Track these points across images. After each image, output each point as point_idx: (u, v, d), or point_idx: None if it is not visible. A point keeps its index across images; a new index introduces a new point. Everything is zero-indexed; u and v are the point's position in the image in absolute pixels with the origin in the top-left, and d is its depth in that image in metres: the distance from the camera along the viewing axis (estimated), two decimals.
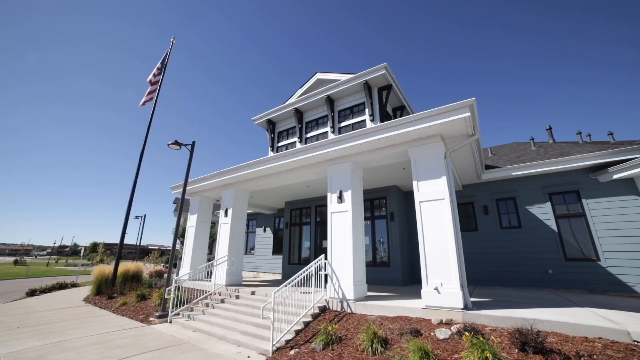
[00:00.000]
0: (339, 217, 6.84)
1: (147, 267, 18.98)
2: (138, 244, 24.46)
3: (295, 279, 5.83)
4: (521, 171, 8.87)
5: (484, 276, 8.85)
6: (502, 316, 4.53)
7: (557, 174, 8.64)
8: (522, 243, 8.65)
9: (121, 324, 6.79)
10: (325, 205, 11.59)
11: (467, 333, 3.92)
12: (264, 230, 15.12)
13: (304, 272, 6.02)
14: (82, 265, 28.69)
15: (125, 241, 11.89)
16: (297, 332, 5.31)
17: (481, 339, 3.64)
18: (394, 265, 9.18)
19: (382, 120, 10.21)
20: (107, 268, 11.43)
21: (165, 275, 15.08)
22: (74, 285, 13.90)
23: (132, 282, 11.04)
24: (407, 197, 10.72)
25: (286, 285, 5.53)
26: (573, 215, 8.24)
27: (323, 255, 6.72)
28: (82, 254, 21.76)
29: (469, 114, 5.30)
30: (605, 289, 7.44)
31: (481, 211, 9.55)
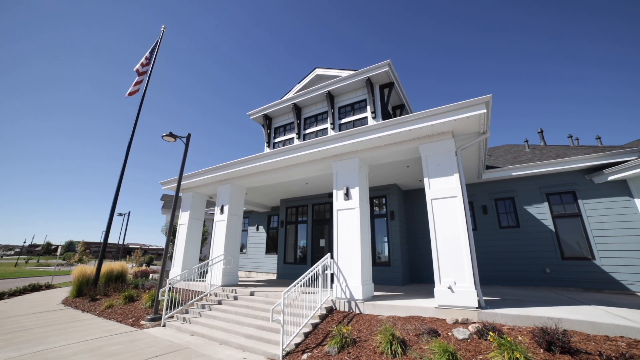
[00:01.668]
0: (346, 214, 6.62)
1: (130, 267, 17.98)
2: (122, 242, 23.22)
3: (303, 278, 5.55)
4: (520, 171, 9.00)
5: (483, 275, 8.80)
6: (518, 315, 4.46)
7: (554, 175, 8.82)
8: (520, 242, 8.77)
9: (109, 328, 6.23)
10: (323, 204, 11.38)
11: (491, 333, 3.79)
12: (257, 229, 14.69)
13: (311, 271, 5.75)
14: (58, 265, 26.90)
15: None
16: (306, 335, 5.03)
17: (508, 339, 3.52)
18: (394, 264, 9.07)
19: (384, 118, 10.08)
20: (89, 268, 10.65)
21: (152, 275, 14.34)
22: (48, 286, 12.89)
23: (117, 283, 10.34)
24: (406, 197, 10.68)
25: (295, 286, 5.24)
26: (569, 215, 8.44)
27: (329, 254, 6.47)
28: (58, 254, 20.34)
29: (484, 110, 5.22)
30: (600, 287, 7.65)
31: (480, 211, 9.62)
